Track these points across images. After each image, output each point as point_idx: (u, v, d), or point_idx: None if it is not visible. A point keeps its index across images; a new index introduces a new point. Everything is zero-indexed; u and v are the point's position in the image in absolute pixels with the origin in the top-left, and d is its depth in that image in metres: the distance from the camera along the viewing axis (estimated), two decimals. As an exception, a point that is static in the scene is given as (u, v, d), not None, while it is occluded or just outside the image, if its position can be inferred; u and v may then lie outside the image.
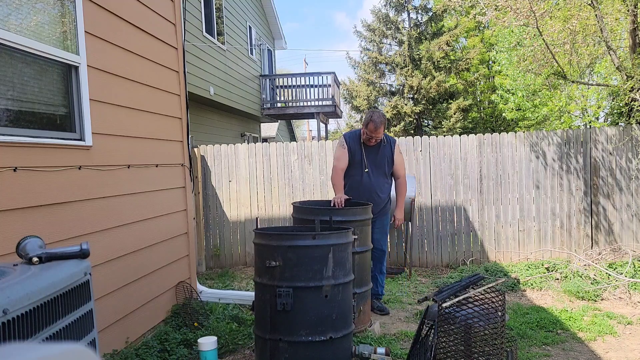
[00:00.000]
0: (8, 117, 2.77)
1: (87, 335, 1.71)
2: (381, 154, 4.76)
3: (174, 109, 4.74)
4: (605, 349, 3.88)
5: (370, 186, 4.72)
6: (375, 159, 4.75)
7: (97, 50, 3.47)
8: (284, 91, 15.88)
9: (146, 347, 3.68)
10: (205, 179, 7.22)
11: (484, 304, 2.69)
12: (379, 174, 4.75)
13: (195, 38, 10.23)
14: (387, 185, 4.85)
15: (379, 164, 4.75)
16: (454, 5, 8.56)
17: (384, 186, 4.81)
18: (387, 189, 4.84)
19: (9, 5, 2.77)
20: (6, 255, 2.57)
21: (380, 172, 4.76)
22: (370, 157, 4.75)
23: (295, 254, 3.06)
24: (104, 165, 3.54)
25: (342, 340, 3.16)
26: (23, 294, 1.35)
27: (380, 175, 4.76)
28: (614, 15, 7.93)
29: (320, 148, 7.11)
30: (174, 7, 4.78)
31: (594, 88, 10.72)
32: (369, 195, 4.68)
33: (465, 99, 19.06)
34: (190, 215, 5.02)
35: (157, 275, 4.25)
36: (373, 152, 4.77)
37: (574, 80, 8.38)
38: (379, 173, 4.75)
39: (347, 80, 20.81)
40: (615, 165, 6.60)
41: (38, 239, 1.78)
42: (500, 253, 6.80)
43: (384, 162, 4.77)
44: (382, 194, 4.78)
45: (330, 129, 28.41)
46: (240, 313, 4.61)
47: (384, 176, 4.79)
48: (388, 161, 4.79)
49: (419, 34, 19.43)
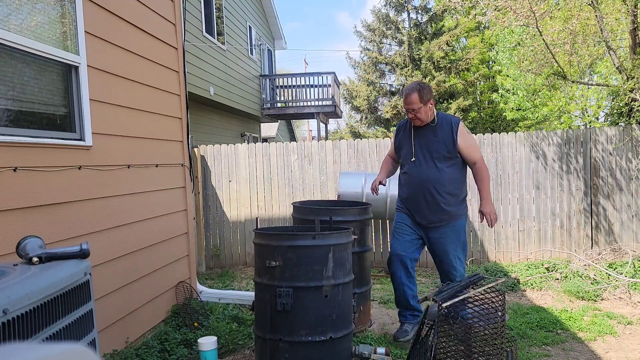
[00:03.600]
0: (8, 117, 2.77)
1: (87, 335, 1.71)
2: (436, 137, 3.76)
3: (174, 109, 4.74)
4: (605, 349, 3.88)
5: (421, 180, 3.76)
6: (427, 145, 3.77)
7: (97, 50, 3.47)
8: (284, 91, 15.88)
9: (146, 347, 3.68)
10: (205, 179, 7.22)
11: (484, 304, 2.69)
12: (433, 164, 3.74)
13: (195, 38, 10.23)
14: (451, 178, 3.75)
15: (435, 149, 3.74)
16: (454, 5, 8.55)
17: (445, 179, 3.73)
18: (451, 183, 3.75)
19: (9, 5, 2.77)
20: (6, 255, 2.57)
21: (436, 160, 3.74)
22: (421, 142, 3.80)
23: (295, 254, 3.06)
24: (104, 165, 3.54)
25: (342, 340, 3.16)
26: (23, 294, 1.36)
27: (436, 165, 3.74)
28: (614, 15, 7.93)
29: (320, 148, 7.11)
30: (174, 7, 4.78)
31: (594, 88, 10.72)
32: (420, 193, 3.77)
33: (465, 99, 19.05)
34: (190, 215, 5.01)
35: (157, 275, 4.25)
36: (424, 136, 3.80)
37: (574, 80, 8.38)
38: (433, 162, 3.74)
39: (347, 80, 20.82)
40: (615, 166, 6.60)
41: (38, 239, 1.78)
42: (500, 253, 6.80)
43: (441, 147, 3.73)
44: (442, 190, 3.73)
45: (330, 129, 28.38)
46: (240, 313, 4.61)
47: (442, 164, 3.74)
48: (448, 145, 3.72)
49: (419, 34, 19.43)
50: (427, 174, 3.74)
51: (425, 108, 3.72)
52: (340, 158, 7.06)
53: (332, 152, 7.08)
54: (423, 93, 3.71)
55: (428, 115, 3.76)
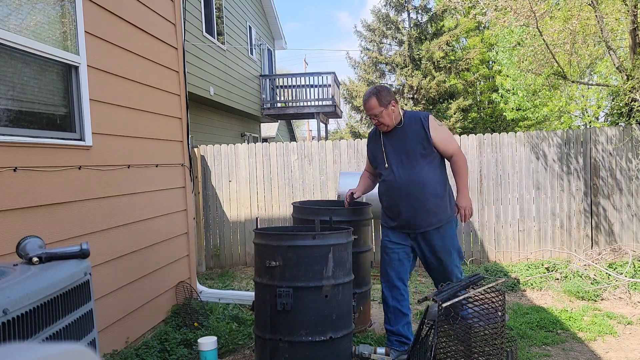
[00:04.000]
0: (8, 117, 2.77)
1: (87, 335, 1.71)
2: (407, 137, 3.54)
3: (174, 109, 4.74)
4: (605, 349, 3.88)
5: (400, 184, 3.51)
6: (400, 147, 3.55)
7: (97, 50, 3.47)
8: (284, 91, 15.88)
9: (146, 347, 3.68)
10: (205, 179, 7.22)
11: (484, 304, 2.69)
12: (410, 165, 3.50)
13: (195, 38, 10.23)
14: (432, 177, 3.50)
15: (409, 150, 3.51)
16: (454, 5, 8.56)
17: (426, 179, 3.48)
18: (433, 182, 3.49)
19: (9, 5, 2.77)
20: (6, 255, 2.57)
21: (413, 161, 3.50)
22: (393, 146, 3.59)
23: (295, 254, 3.06)
24: (104, 165, 3.54)
25: (342, 340, 3.16)
26: (23, 294, 1.35)
27: (413, 165, 3.49)
28: (614, 15, 7.93)
29: (320, 148, 7.11)
30: (174, 7, 4.78)
31: (594, 88, 10.72)
32: (401, 198, 3.52)
33: (465, 99, 19.04)
34: (190, 215, 5.01)
35: (157, 275, 4.25)
36: (394, 139, 3.59)
37: (574, 80, 8.38)
38: (410, 164, 3.50)
39: (347, 80, 20.81)
40: (615, 166, 6.60)
41: (38, 239, 1.78)
42: (500, 253, 6.80)
43: (415, 146, 3.50)
44: (425, 190, 3.47)
45: (330, 129, 28.41)
46: (240, 313, 4.61)
47: (420, 165, 3.49)
48: (422, 142, 3.49)
49: (419, 34, 19.42)
50: (406, 176, 3.50)
51: (387, 111, 3.52)
52: (340, 158, 7.06)
53: (332, 152, 7.08)
54: (381, 96, 3.52)
55: (392, 117, 3.56)
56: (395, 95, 19.52)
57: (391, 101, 3.54)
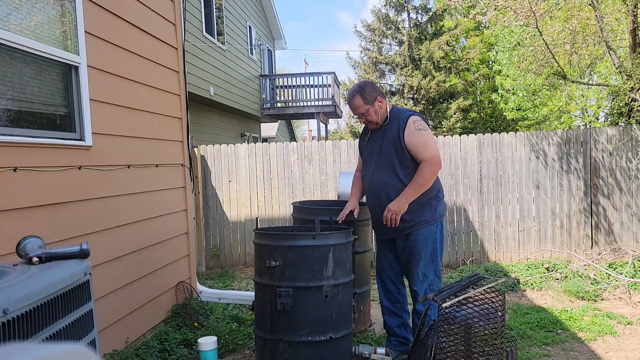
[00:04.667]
0: (8, 117, 2.77)
1: (87, 335, 1.71)
2: (385, 137, 3.35)
3: (174, 109, 4.74)
4: (605, 349, 3.88)
5: (372, 185, 3.40)
6: (378, 147, 3.38)
7: (97, 50, 3.47)
8: (284, 91, 15.89)
9: (146, 347, 3.68)
10: (205, 179, 7.22)
11: (484, 304, 2.69)
12: (386, 168, 3.31)
13: (195, 38, 10.23)
14: (393, 182, 3.29)
15: (385, 151, 3.33)
16: (454, 5, 8.56)
17: (400, 184, 3.27)
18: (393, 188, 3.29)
19: (9, 5, 2.77)
20: (6, 255, 2.57)
21: (386, 164, 3.31)
22: (373, 146, 3.43)
23: (295, 254, 3.06)
24: (104, 165, 3.54)
25: (342, 340, 3.16)
26: (23, 294, 1.35)
27: (386, 169, 3.31)
28: (614, 15, 7.94)
29: (320, 148, 7.11)
30: (174, 7, 4.78)
31: (594, 88, 10.72)
32: (374, 201, 3.42)
33: (465, 99, 19.05)
34: (190, 215, 5.01)
35: (157, 275, 4.25)
36: (376, 137, 3.43)
37: (574, 80, 8.39)
38: (387, 166, 3.31)
39: (347, 80, 20.82)
40: (615, 166, 6.61)
41: (38, 239, 1.78)
42: (500, 253, 6.80)
43: (389, 147, 3.30)
44: (381, 195, 3.33)
45: (330, 129, 28.40)
46: (240, 313, 4.61)
47: (395, 169, 3.28)
48: (396, 145, 3.27)
49: (419, 34, 19.42)
50: (378, 179, 3.34)
51: (373, 108, 3.33)
52: (340, 158, 7.06)
53: (332, 152, 7.08)
54: (365, 93, 3.33)
55: (379, 114, 3.37)
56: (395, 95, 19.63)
57: (377, 97, 3.36)
